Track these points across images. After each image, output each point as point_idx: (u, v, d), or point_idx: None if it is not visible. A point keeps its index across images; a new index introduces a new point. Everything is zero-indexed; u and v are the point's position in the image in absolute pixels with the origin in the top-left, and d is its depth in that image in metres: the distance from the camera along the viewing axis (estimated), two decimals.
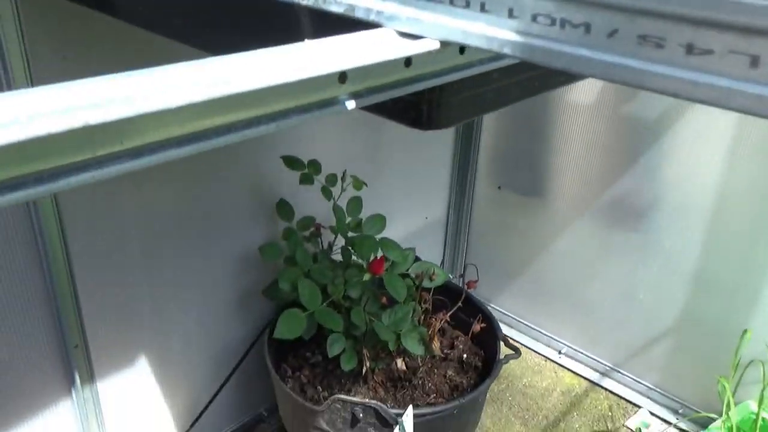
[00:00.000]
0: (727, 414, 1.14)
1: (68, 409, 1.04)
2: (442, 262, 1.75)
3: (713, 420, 1.26)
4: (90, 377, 1.04)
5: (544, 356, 1.62)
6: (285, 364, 1.28)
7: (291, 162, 1.13)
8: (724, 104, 0.28)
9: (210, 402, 1.20)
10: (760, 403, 1.17)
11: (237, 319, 1.26)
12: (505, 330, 1.68)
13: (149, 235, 1.06)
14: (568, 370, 1.58)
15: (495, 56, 0.43)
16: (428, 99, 0.43)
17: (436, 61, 0.39)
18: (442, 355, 1.32)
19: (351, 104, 0.35)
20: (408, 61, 0.37)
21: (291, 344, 1.26)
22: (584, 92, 1.37)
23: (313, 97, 0.33)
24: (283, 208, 1.19)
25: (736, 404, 1.28)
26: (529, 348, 1.65)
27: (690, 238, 1.30)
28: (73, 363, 1.00)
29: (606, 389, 1.52)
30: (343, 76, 0.34)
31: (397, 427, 1.01)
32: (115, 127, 0.26)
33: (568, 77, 0.52)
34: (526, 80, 0.50)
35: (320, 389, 1.22)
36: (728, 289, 1.27)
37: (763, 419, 1.15)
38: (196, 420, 1.20)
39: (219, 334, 1.25)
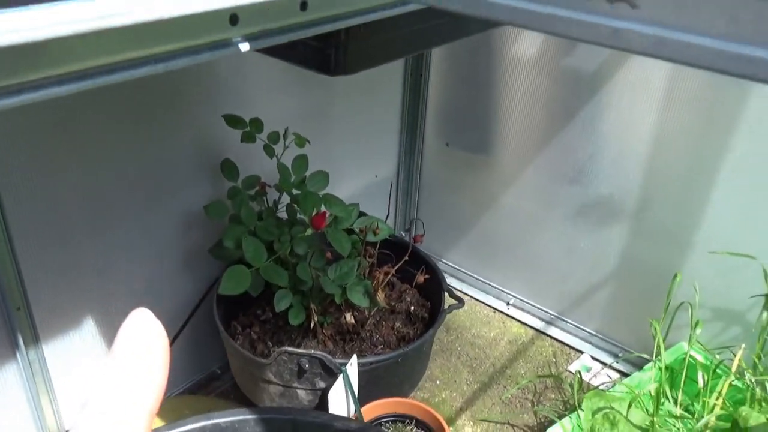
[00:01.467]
0: (659, 355, 1.19)
1: (14, 371, 1.04)
2: (394, 219, 1.78)
3: (648, 361, 1.32)
4: (34, 339, 1.04)
5: (493, 308, 1.67)
6: (235, 321, 1.30)
7: (232, 120, 1.13)
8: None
9: None
10: (690, 343, 1.24)
11: (185, 278, 1.27)
12: (456, 284, 1.72)
13: (90, 196, 1.05)
14: (516, 320, 1.63)
15: (397, 1, 0.44)
16: (335, 44, 0.44)
17: (334, 5, 0.40)
18: (390, 308, 1.35)
19: (245, 46, 0.36)
20: (304, 5, 0.38)
21: (241, 302, 1.28)
22: (527, 46, 1.39)
23: (203, 39, 0.34)
24: (228, 168, 1.19)
25: (670, 346, 1.35)
26: (479, 300, 1.70)
27: (627, 186, 1.35)
28: (16, 325, 1.00)
29: (551, 337, 1.58)
30: (234, 18, 0.35)
31: (341, 375, 1.04)
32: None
33: (481, 24, 0.53)
34: (437, 27, 0.51)
35: (270, 345, 1.24)
36: (663, 233, 1.33)
37: (692, 357, 1.21)
38: None
39: (167, 294, 1.25)
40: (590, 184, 1.40)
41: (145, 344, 0.21)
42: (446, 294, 1.29)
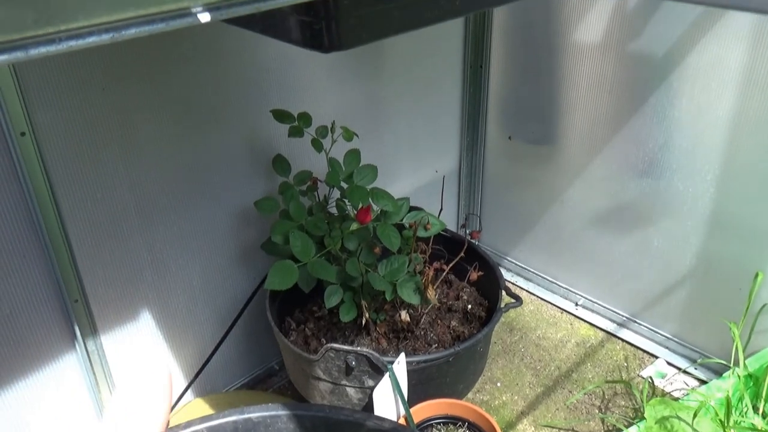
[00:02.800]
0: (736, 360, 1.09)
1: (74, 361, 1.08)
2: (456, 216, 1.73)
3: (729, 368, 1.22)
4: (93, 331, 1.08)
5: (560, 308, 1.59)
6: (290, 317, 1.29)
7: (280, 115, 1.12)
8: None
9: (212, 354, 1.23)
10: None
11: (240, 274, 1.28)
12: (522, 283, 1.66)
13: (143, 192, 1.08)
14: (585, 321, 1.55)
15: None
16: (324, 16, 0.42)
17: None
18: (446, 306, 1.31)
19: (205, 17, 0.34)
20: None
21: (297, 299, 1.28)
22: (591, 31, 1.31)
23: (156, 7, 0.32)
24: (280, 163, 1.19)
25: (754, 351, 1.24)
26: (545, 300, 1.62)
27: (703, 179, 1.24)
28: (74, 317, 1.04)
29: (622, 340, 1.48)
30: None
31: (387, 373, 1.01)
32: None
33: None
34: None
35: (324, 341, 1.23)
36: (743, 229, 1.21)
37: None
38: (200, 370, 1.22)
39: (223, 289, 1.27)
40: (662, 176, 1.31)
41: (150, 376, 0.26)
42: (503, 292, 1.23)
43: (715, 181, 1.23)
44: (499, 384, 1.39)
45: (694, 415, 0.84)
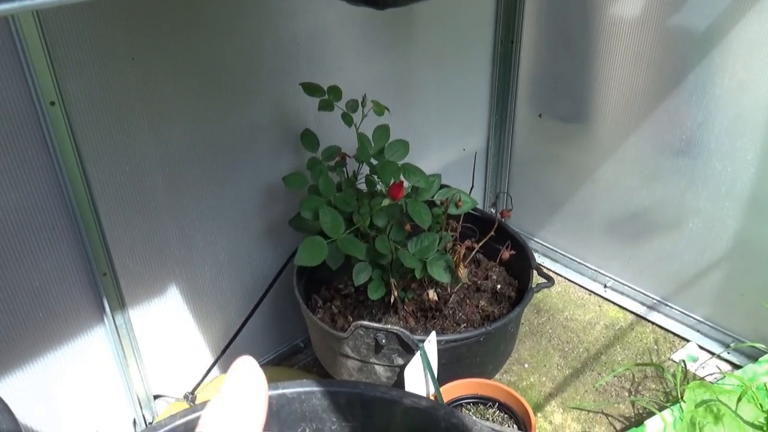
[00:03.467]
0: None
1: (102, 335, 1.08)
2: (483, 195, 1.70)
3: (764, 353, 1.19)
4: (121, 304, 1.07)
5: (588, 290, 1.57)
6: (317, 295, 1.28)
7: (310, 88, 1.10)
8: None
9: (240, 329, 1.22)
10: None
11: (267, 250, 1.27)
12: (549, 264, 1.64)
13: (170, 166, 1.06)
14: (614, 303, 1.52)
15: None
16: None
17: None
18: (475, 286, 1.29)
19: None
20: None
21: (324, 276, 1.26)
22: (628, 4, 1.27)
23: None
24: (308, 138, 1.17)
25: None
26: (573, 282, 1.60)
27: (743, 158, 1.21)
28: (102, 290, 1.03)
29: (653, 323, 1.46)
30: None
31: (418, 352, 1.00)
32: None
33: None
34: None
35: (351, 319, 1.22)
36: None
37: None
38: (227, 346, 1.22)
39: (250, 265, 1.26)
40: (700, 155, 1.27)
41: (250, 389, 0.24)
42: (534, 272, 1.21)
43: (755, 161, 1.19)
44: (526, 365, 1.37)
45: (738, 399, 0.81)
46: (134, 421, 1.19)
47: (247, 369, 0.25)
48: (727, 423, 0.72)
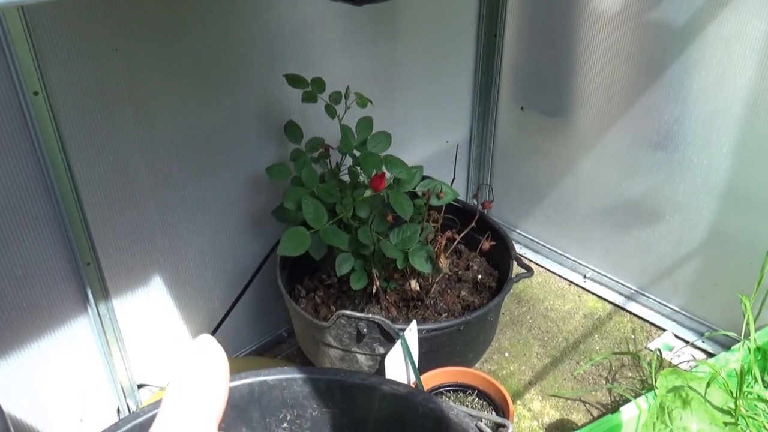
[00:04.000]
0: (746, 333, 1.09)
1: (85, 324, 1.09)
2: (466, 187, 1.72)
3: (737, 341, 1.22)
4: (104, 294, 1.08)
5: (568, 280, 1.60)
6: (300, 285, 1.30)
7: (293, 80, 1.11)
8: None
9: (223, 319, 1.23)
10: None
11: (251, 240, 1.28)
12: (531, 255, 1.66)
13: (155, 156, 1.07)
14: (592, 294, 1.55)
15: None
16: None
17: None
18: (456, 276, 1.31)
19: None
20: None
21: (307, 266, 1.28)
22: None
23: None
24: (292, 129, 1.18)
25: (764, 325, 1.24)
26: (554, 273, 1.62)
27: (718, 152, 1.23)
28: (86, 280, 1.04)
29: (630, 312, 1.49)
30: None
31: (399, 340, 1.01)
32: None
33: None
34: None
35: (334, 309, 1.23)
36: (757, 203, 1.21)
37: None
38: (211, 335, 1.23)
39: (233, 256, 1.27)
40: (677, 149, 1.30)
41: (210, 365, 0.24)
42: (514, 263, 1.23)
43: (730, 154, 1.22)
44: (506, 354, 1.40)
45: (707, 385, 0.84)
46: (118, 410, 1.20)
47: (207, 348, 0.26)
48: (694, 407, 0.75)
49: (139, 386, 1.21)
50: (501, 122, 1.62)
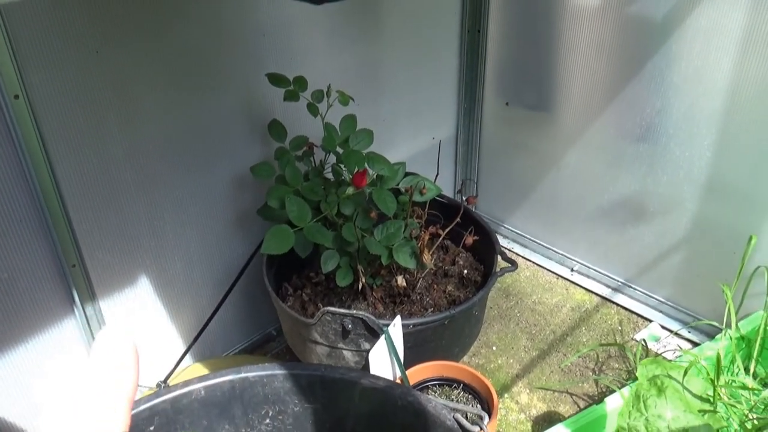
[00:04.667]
0: (729, 323, 1.11)
1: (73, 326, 1.09)
2: (453, 183, 1.73)
3: (721, 330, 1.23)
4: (91, 296, 1.09)
5: (556, 274, 1.61)
6: (287, 283, 1.30)
7: (276, 79, 1.12)
8: None
9: (210, 318, 1.24)
10: (766, 310, 1.14)
11: (236, 239, 1.29)
12: (518, 250, 1.67)
13: (139, 158, 1.08)
14: (580, 286, 1.56)
15: None
16: None
17: None
18: (442, 271, 1.32)
19: None
20: None
21: (294, 265, 1.29)
22: None
23: None
24: (276, 128, 1.19)
25: (748, 314, 1.25)
26: (541, 266, 1.64)
27: (700, 144, 1.24)
28: (72, 282, 1.04)
29: (617, 304, 1.50)
30: None
31: (383, 335, 1.02)
32: None
33: None
34: None
35: (321, 306, 1.24)
36: (738, 194, 1.22)
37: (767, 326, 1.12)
38: (198, 335, 1.23)
39: (220, 256, 1.28)
40: (659, 141, 1.31)
41: (118, 348, 0.26)
42: (499, 257, 1.24)
43: (711, 146, 1.23)
44: (494, 348, 1.41)
45: (685, 373, 0.85)
46: None
47: (112, 339, 0.26)
48: (669, 395, 0.76)
49: None
50: (486, 118, 1.63)
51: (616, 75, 1.32)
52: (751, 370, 1.11)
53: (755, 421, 0.94)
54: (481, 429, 0.67)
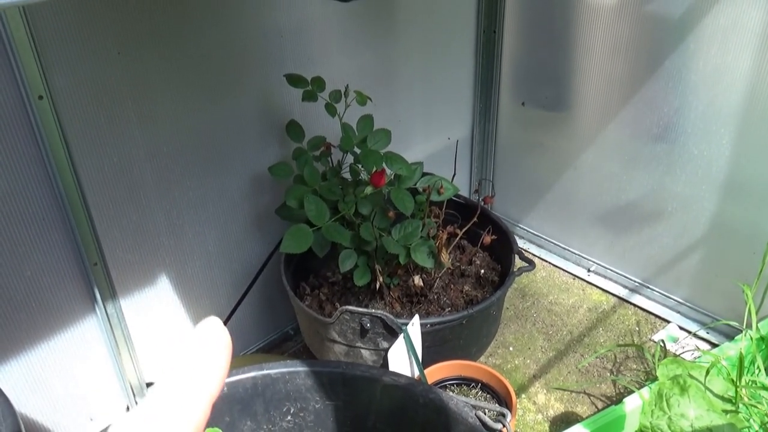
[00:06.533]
0: (749, 323, 1.10)
1: (94, 324, 1.10)
2: (469, 183, 1.73)
3: (740, 331, 1.22)
4: (112, 294, 1.10)
5: (572, 274, 1.60)
6: (305, 283, 1.31)
7: (294, 79, 1.13)
8: None
9: (229, 317, 1.25)
10: None
11: (254, 239, 1.29)
12: (534, 250, 1.67)
13: (159, 157, 1.09)
14: (597, 287, 1.55)
15: None
16: None
17: None
18: (459, 271, 1.32)
19: None
20: None
21: (311, 264, 1.29)
22: None
23: None
24: (293, 128, 1.20)
25: (767, 315, 1.24)
26: (558, 267, 1.63)
27: (718, 142, 1.24)
28: (93, 280, 1.06)
29: (634, 305, 1.49)
30: None
31: (402, 334, 1.03)
32: None
33: None
34: None
35: (338, 306, 1.24)
36: (758, 193, 1.21)
37: None
38: None
39: (239, 255, 1.28)
40: (677, 140, 1.30)
41: (213, 343, 0.26)
42: (517, 257, 1.24)
43: (730, 144, 1.23)
44: (511, 348, 1.41)
45: (707, 373, 0.85)
46: (128, 408, 1.22)
47: (212, 328, 0.27)
48: (692, 394, 0.76)
49: (148, 384, 1.23)
50: (502, 118, 1.63)
51: (633, 74, 1.32)
52: None
53: None
54: (504, 426, 0.67)
